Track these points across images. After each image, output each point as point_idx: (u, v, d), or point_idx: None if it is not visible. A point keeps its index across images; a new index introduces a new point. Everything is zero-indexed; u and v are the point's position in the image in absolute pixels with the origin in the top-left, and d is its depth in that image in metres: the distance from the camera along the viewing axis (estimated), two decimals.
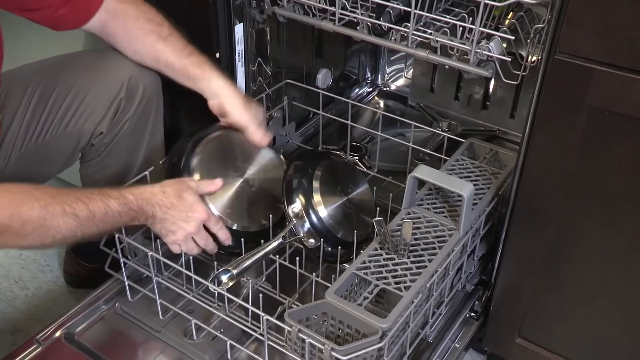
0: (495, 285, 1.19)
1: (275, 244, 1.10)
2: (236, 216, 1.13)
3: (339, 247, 1.11)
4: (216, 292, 1.04)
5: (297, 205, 1.11)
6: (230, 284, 1.04)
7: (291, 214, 1.11)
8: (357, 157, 1.51)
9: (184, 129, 1.40)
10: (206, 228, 1.08)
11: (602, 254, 1.04)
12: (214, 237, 1.09)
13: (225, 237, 1.10)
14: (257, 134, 1.16)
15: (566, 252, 1.07)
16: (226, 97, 1.15)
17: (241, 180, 1.16)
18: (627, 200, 0.97)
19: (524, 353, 1.22)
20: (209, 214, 1.07)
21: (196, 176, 1.11)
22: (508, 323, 1.21)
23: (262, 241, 1.12)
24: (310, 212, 1.11)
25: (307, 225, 1.11)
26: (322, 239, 1.10)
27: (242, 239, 1.11)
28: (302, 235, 1.11)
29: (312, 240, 1.12)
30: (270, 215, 1.15)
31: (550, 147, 0.99)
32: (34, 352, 1.06)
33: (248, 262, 1.06)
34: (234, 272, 1.04)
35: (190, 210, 1.04)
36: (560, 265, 1.09)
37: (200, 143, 1.14)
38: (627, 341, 1.10)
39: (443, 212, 1.10)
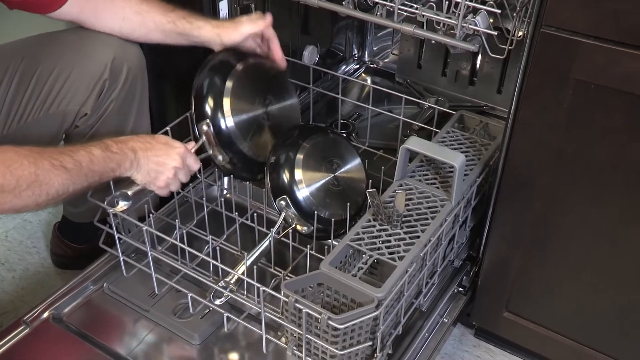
0: (483, 260, 1.19)
1: (267, 242, 1.10)
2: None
3: (332, 221, 1.12)
4: (211, 265, 1.04)
5: (283, 200, 1.12)
6: (229, 296, 1.05)
7: (279, 207, 1.12)
8: (345, 134, 1.51)
9: (170, 109, 1.39)
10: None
11: (588, 227, 1.05)
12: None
13: (198, 164, 1.11)
14: (258, 26, 1.16)
15: (553, 225, 1.08)
16: (219, 34, 1.14)
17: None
18: (613, 173, 0.98)
19: (512, 326, 1.23)
20: (186, 147, 1.07)
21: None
22: (496, 297, 1.22)
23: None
24: (297, 200, 1.12)
25: (294, 211, 1.12)
26: (313, 225, 1.11)
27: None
28: (293, 225, 1.12)
29: (305, 228, 1.13)
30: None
31: (537, 121, 1.00)
32: (22, 334, 1.06)
33: (245, 265, 1.06)
34: (232, 281, 1.05)
35: (169, 147, 1.05)
36: (547, 238, 1.10)
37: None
38: (613, 313, 1.11)
39: (435, 184, 1.11)
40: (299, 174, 1.13)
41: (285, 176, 1.12)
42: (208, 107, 1.12)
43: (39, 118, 1.16)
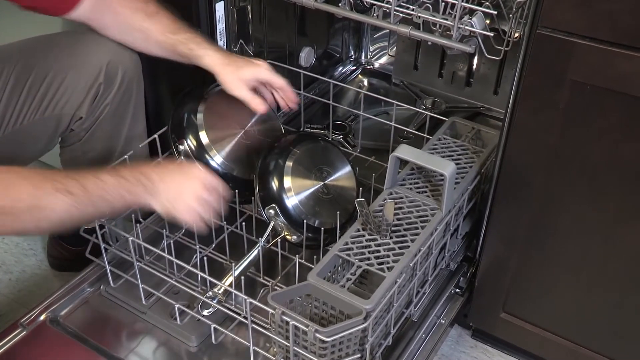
0: (480, 261, 1.19)
1: (256, 251, 1.09)
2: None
3: (321, 230, 1.11)
4: (199, 275, 1.03)
5: (272, 208, 1.10)
6: (217, 306, 1.03)
7: (268, 216, 1.11)
8: (341, 136, 1.51)
9: (166, 111, 1.39)
10: None
11: (585, 227, 1.05)
12: None
13: (220, 184, 1.02)
14: (252, 104, 1.13)
15: (550, 225, 1.08)
16: (217, 74, 1.12)
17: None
18: (609, 173, 0.98)
19: (509, 327, 1.23)
20: (205, 170, 1.00)
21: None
22: (492, 298, 1.22)
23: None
24: (286, 209, 1.10)
25: (283, 220, 1.11)
26: (303, 234, 1.10)
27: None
28: (283, 234, 1.11)
29: (294, 237, 1.12)
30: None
31: (533, 122, 1.00)
32: (19, 336, 1.06)
33: (233, 276, 1.05)
34: (219, 292, 1.04)
35: (186, 169, 0.99)
36: (544, 239, 1.10)
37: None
38: (610, 313, 1.11)
39: (425, 192, 1.10)
40: (288, 181, 1.12)
41: (274, 184, 1.11)
42: (192, 144, 1.14)
43: (34, 121, 1.16)
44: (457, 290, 1.22)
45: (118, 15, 1.14)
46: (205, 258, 1.05)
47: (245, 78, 1.12)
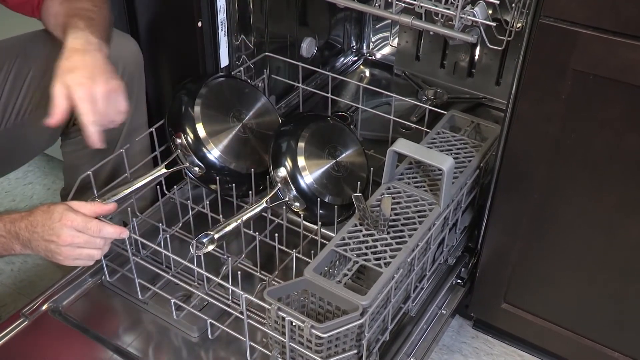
0: (481, 252, 1.19)
1: (259, 208, 1.09)
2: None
3: (335, 207, 1.11)
4: (195, 270, 1.03)
5: (282, 170, 1.10)
6: (211, 247, 1.03)
7: (277, 179, 1.10)
8: None
9: (167, 103, 1.39)
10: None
11: (586, 218, 1.05)
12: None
13: (114, 233, 0.98)
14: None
15: (551, 217, 1.08)
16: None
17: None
18: (611, 164, 0.98)
19: (510, 318, 1.23)
20: (79, 218, 0.95)
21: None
22: (494, 289, 1.22)
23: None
24: (296, 177, 1.10)
25: (293, 191, 1.10)
26: (307, 204, 1.10)
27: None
28: (287, 199, 1.10)
29: (297, 204, 1.11)
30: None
31: (535, 113, 0.99)
32: (21, 326, 1.06)
33: (230, 227, 1.05)
34: (215, 235, 1.04)
35: (55, 216, 0.94)
36: (545, 230, 1.10)
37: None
38: (611, 304, 1.11)
39: (424, 187, 1.09)
40: (302, 154, 1.11)
41: (289, 157, 1.11)
42: (189, 137, 1.14)
43: (36, 115, 1.15)
44: (459, 280, 1.22)
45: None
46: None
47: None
